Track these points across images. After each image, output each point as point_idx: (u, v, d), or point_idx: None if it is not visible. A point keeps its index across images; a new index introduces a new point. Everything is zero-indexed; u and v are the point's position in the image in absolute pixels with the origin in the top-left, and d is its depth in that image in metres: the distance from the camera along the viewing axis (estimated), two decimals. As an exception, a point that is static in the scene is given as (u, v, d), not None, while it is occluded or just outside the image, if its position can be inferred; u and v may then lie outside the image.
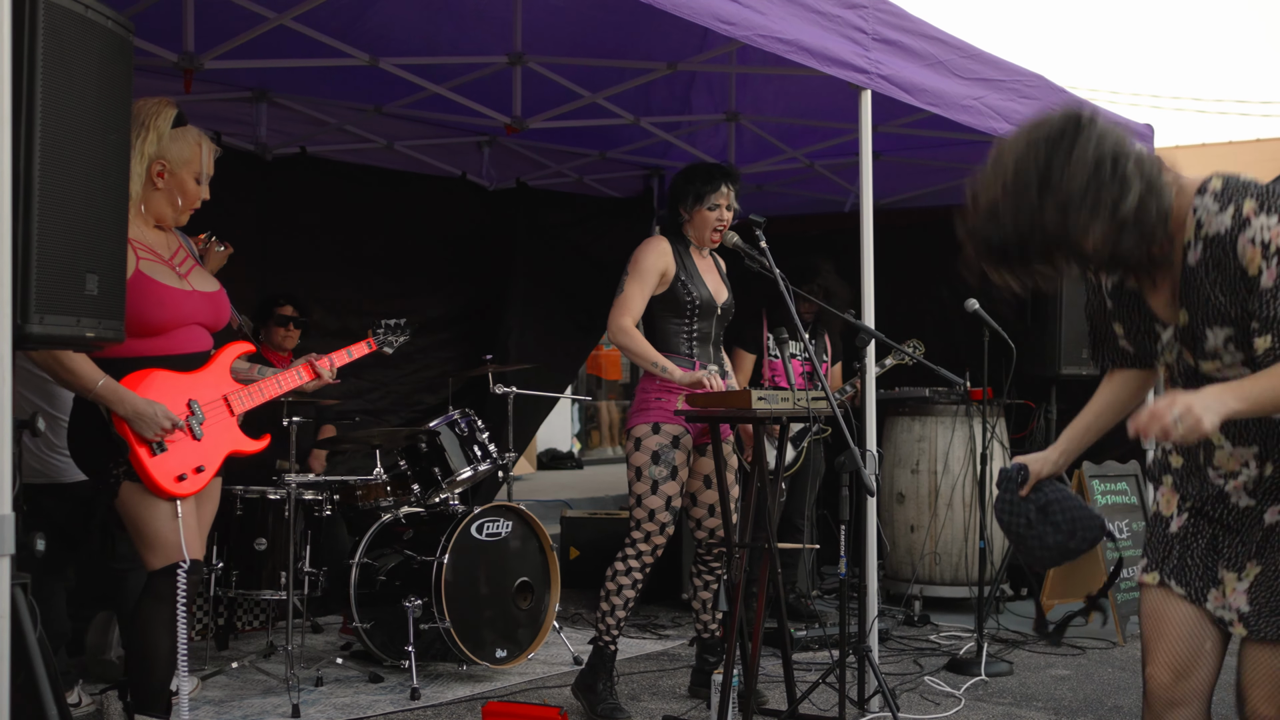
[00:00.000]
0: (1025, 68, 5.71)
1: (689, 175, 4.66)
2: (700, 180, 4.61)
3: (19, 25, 2.56)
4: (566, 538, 7.18)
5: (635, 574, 4.57)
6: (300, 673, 4.91)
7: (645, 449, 4.51)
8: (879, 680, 4.36)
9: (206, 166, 3.63)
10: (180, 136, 3.58)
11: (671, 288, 4.56)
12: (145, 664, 3.54)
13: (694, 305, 4.59)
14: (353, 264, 6.74)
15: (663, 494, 4.49)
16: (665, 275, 4.55)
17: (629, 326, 4.49)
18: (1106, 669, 5.47)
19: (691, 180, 4.63)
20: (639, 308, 4.52)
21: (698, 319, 4.62)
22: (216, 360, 3.67)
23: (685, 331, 4.61)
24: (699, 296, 4.59)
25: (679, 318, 4.59)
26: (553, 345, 7.69)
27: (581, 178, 7.53)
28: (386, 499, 5.43)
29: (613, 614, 4.59)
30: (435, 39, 5.34)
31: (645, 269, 4.53)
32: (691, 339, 4.62)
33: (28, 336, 2.58)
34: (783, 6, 4.27)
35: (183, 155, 3.57)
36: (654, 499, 4.50)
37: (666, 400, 4.51)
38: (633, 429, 4.57)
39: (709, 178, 4.61)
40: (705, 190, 4.60)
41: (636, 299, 4.51)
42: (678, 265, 4.58)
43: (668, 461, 4.49)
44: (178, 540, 3.46)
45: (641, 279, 4.52)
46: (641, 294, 4.52)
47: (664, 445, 4.49)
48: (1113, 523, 6.18)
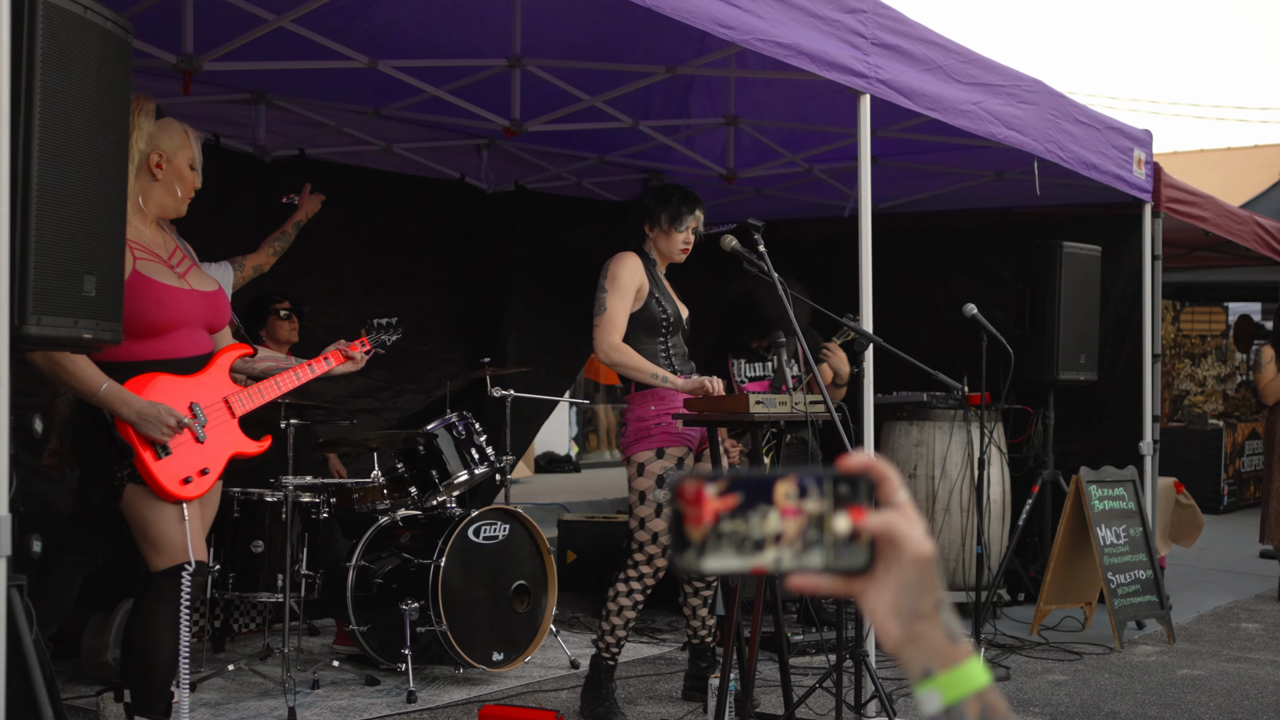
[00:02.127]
0: (1024, 73, 5.71)
1: (664, 197, 4.71)
2: (676, 203, 4.66)
3: (18, 26, 2.56)
4: (564, 541, 7.17)
5: (636, 595, 4.58)
6: (296, 675, 4.90)
7: (649, 473, 4.51)
8: (876, 685, 4.35)
9: (197, 153, 3.67)
10: (166, 126, 3.61)
11: (646, 305, 4.57)
12: (146, 665, 3.53)
13: (667, 321, 4.61)
14: (351, 266, 6.74)
15: (667, 516, 4.49)
16: (640, 291, 4.57)
17: (619, 343, 4.51)
18: (1103, 674, 5.47)
19: (667, 202, 4.67)
20: (624, 323, 4.53)
21: (671, 335, 4.64)
22: (216, 363, 3.67)
23: (663, 349, 4.62)
24: (671, 312, 4.62)
25: (654, 335, 4.60)
26: (551, 348, 7.69)
27: (580, 181, 7.53)
28: (383, 502, 5.42)
29: (613, 633, 4.61)
30: (434, 42, 5.33)
31: (624, 284, 4.54)
32: (670, 355, 4.62)
33: (25, 337, 2.58)
34: (782, 11, 4.27)
35: (174, 143, 3.60)
36: (658, 522, 4.51)
37: (668, 423, 4.50)
38: (634, 455, 4.55)
39: (684, 201, 4.68)
40: (682, 213, 4.66)
41: (620, 315, 4.52)
42: (650, 282, 4.60)
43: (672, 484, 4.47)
44: (183, 542, 3.46)
45: (622, 294, 4.53)
46: (624, 310, 4.53)
47: (669, 469, 4.51)
48: (1111, 528, 6.18)
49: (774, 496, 1.07)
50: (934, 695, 1.12)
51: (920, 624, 1.12)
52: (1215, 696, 5.12)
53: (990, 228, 7.70)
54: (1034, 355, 6.67)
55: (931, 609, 1.12)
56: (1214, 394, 14.02)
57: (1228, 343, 14.09)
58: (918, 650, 1.13)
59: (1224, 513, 11.68)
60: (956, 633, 1.13)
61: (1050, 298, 6.67)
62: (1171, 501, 7.52)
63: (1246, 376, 13.90)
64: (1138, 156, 6.66)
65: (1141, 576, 6.23)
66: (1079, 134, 6.11)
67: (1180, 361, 13.76)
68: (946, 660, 1.12)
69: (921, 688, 1.13)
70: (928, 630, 1.12)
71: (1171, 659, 5.82)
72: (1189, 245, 9.30)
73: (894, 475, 1.11)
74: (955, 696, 1.11)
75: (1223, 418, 12.70)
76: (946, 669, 1.12)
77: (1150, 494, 6.71)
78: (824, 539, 1.08)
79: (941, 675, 1.12)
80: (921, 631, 1.12)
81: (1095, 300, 6.94)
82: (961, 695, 1.11)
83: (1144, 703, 5.00)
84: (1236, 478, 12.25)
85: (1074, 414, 7.22)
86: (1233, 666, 5.67)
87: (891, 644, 1.13)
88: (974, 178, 7.13)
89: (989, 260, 7.66)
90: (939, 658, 1.12)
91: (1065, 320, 6.68)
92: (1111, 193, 6.64)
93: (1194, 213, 7.38)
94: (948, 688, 1.12)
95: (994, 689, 1.12)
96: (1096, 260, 6.94)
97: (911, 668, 1.14)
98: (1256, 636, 6.39)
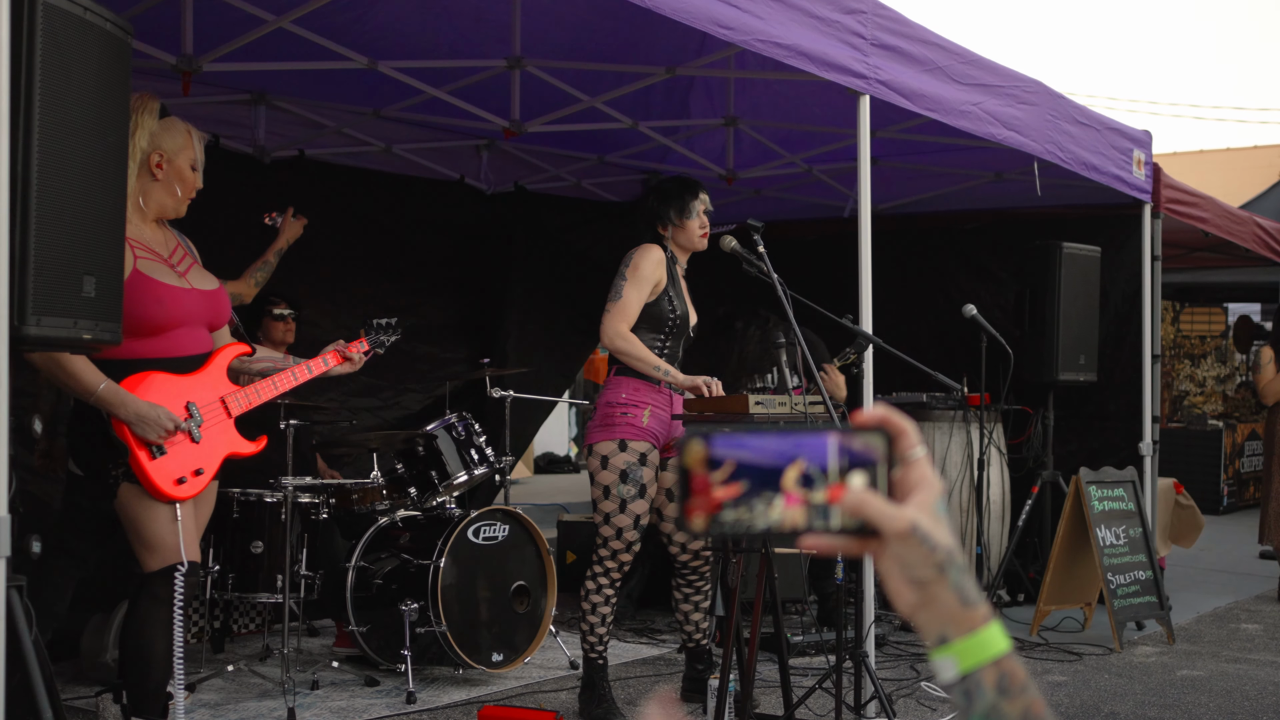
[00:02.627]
0: (1024, 73, 5.71)
1: (665, 194, 4.69)
2: (679, 194, 4.66)
3: (18, 27, 2.56)
4: (563, 541, 7.17)
5: (606, 590, 4.58)
6: (296, 676, 4.90)
7: (613, 467, 4.48)
8: (875, 685, 4.35)
9: (199, 153, 3.66)
10: (169, 126, 3.61)
11: (658, 300, 4.56)
12: (141, 666, 3.53)
13: (674, 321, 4.60)
14: (351, 267, 6.74)
15: (631, 513, 4.49)
16: (657, 286, 4.56)
17: (626, 331, 4.49)
18: (1103, 675, 5.47)
19: (669, 198, 4.66)
20: (635, 315, 4.51)
21: (672, 336, 4.63)
22: (213, 362, 3.66)
23: (659, 347, 4.60)
24: (681, 313, 4.61)
25: (656, 333, 4.59)
26: (550, 349, 7.69)
27: (580, 181, 7.53)
28: (383, 502, 5.42)
29: (593, 632, 4.61)
30: (434, 42, 5.34)
31: (644, 276, 4.52)
32: (663, 356, 4.61)
33: (24, 338, 2.58)
34: (781, 12, 4.27)
35: (176, 144, 3.59)
36: (622, 518, 4.49)
37: (633, 414, 4.48)
38: (596, 444, 4.52)
39: (685, 189, 4.67)
40: (687, 199, 4.65)
41: (634, 305, 4.50)
42: (668, 279, 4.60)
43: (636, 479, 4.47)
44: (176, 543, 3.45)
45: (640, 285, 4.51)
46: (639, 301, 4.51)
47: (632, 463, 4.47)
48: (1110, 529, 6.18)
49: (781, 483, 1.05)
50: (949, 662, 1.07)
51: (927, 589, 1.07)
52: (1215, 697, 5.12)
53: (990, 228, 7.70)
54: (1033, 356, 6.67)
55: (934, 575, 1.06)
56: (1214, 395, 14.02)
57: (1227, 343, 14.09)
58: (931, 615, 1.07)
59: (1224, 513, 11.68)
60: (971, 597, 1.07)
61: (1050, 298, 6.67)
62: (1171, 502, 7.52)
63: (1246, 377, 13.90)
64: (1137, 157, 6.66)
65: (1141, 577, 6.23)
66: (1078, 135, 6.11)
67: (1180, 362, 13.77)
68: (961, 626, 1.07)
69: (937, 654, 1.07)
70: (938, 594, 1.07)
71: (1171, 660, 5.81)
72: (1188, 246, 9.30)
73: (910, 429, 1.07)
74: (971, 664, 1.05)
75: (1222, 418, 12.70)
76: (962, 635, 1.07)
77: (1150, 495, 6.71)
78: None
79: (957, 641, 1.07)
80: (932, 596, 1.07)
81: (1095, 301, 6.94)
82: (978, 662, 1.06)
83: (1144, 703, 5.00)
84: (1236, 478, 12.26)
85: (1073, 415, 7.22)
86: (1232, 667, 5.67)
87: (905, 609, 1.08)
88: (973, 178, 7.14)
89: (988, 261, 7.66)
90: (953, 623, 1.07)
91: (1065, 321, 6.68)
92: (1111, 193, 6.64)
93: (1193, 213, 7.38)
94: (964, 654, 1.06)
95: (1013, 656, 1.07)
96: (1096, 261, 6.94)
97: (928, 634, 1.08)
98: (1256, 637, 6.39)
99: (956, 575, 1.07)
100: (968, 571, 1.08)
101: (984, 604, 1.08)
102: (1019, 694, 1.06)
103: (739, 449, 1.05)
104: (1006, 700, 1.06)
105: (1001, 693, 1.06)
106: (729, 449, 1.05)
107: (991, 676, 1.06)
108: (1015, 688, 1.06)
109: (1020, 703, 1.06)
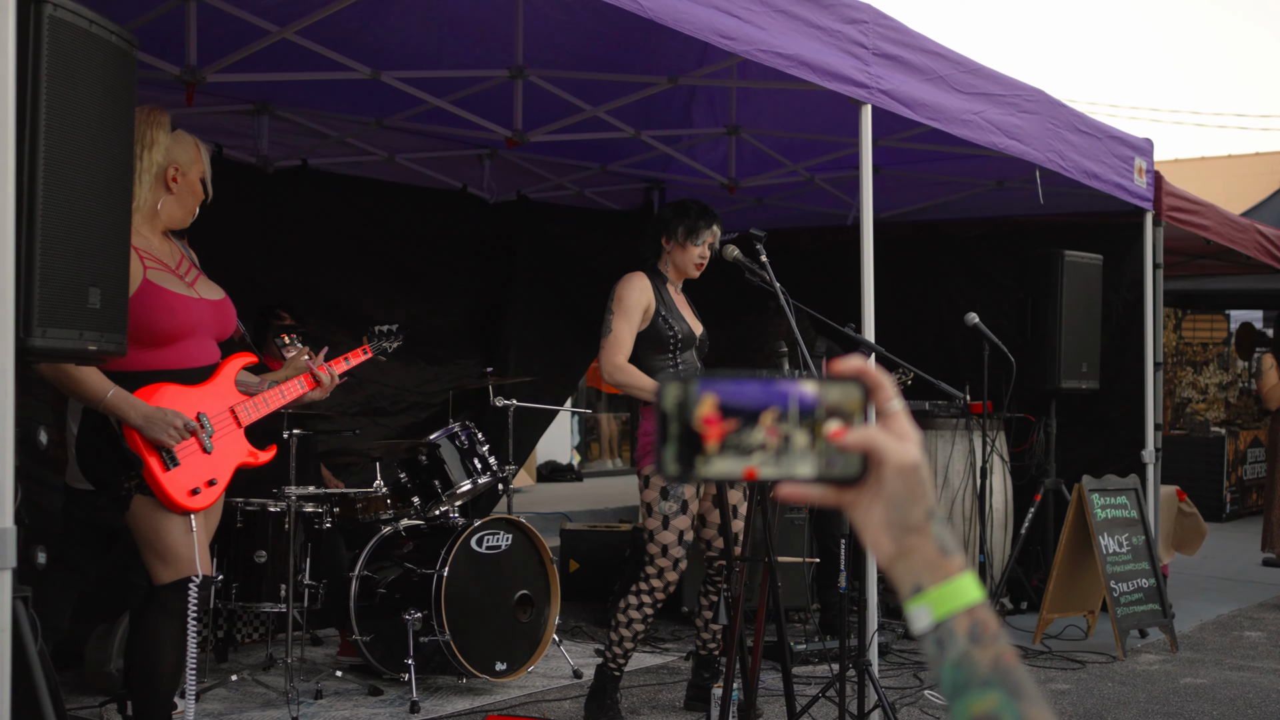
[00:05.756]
0: (1025, 82, 5.72)
1: (682, 210, 4.75)
2: (694, 217, 4.71)
3: (23, 39, 2.57)
4: (566, 550, 7.17)
5: (647, 609, 4.63)
6: (299, 686, 4.90)
7: (654, 485, 4.58)
8: (879, 694, 4.35)
9: (207, 167, 3.70)
10: (180, 139, 3.63)
11: (653, 324, 4.64)
12: (149, 678, 3.52)
13: (676, 340, 4.66)
14: (354, 276, 6.74)
15: (674, 529, 4.56)
16: (647, 311, 4.64)
17: (624, 364, 4.58)
18: (1106, 683, 5.47)
19: (685, 215, 4.72)
20: (629, 345, 4.60)
21: (680, 352, 4.68)
22: (221, 373, 3.67)
23: (670, 367, 4.67)
24: (680, 331, 4.67)
25: (663, 353, 4.66)
26: (553, 358, 7.70)
27: (582, 191, 7.54)
28: (386, 511, 5.43)
29: (620, 644, 4.65)
30: (437, 53, 5.35)
31: (630, 305, 4.60)
32: (679, 371, 4.64)
33: (30, 349, 2.59)
34: (783, 21, 4.28)
35: (188, 157, 3.62)
36: (666, 534, 4.56)
37: None
38: (643, 469, 4.66)
39: (702, 215, 4.72)
40: (699, 226, 4.70)
41: (626, 336, 4.58)
42: (657, 301, 4.65)
43: (676, 496, 4.56)
44: (191, 554, 3.45)
45: (628, 316, 4.59)
46: (630, 331, 4.59)
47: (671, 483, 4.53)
48: (1113, 536, 6.18)
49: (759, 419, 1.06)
50: (924, 610, 1.08)
51: (911, 537, 1.08)
52: (1218, 705, 5.12)
53: (991, 236, 7.71)
54: (1036, 364, 6.68)
55: (922, 520, 1.08)
56: (1216, 402, 14.02)
57: (1229, 350, 14.09)
58: (908, 565, 1.09)
59: (1226, 521, 11.67)
60: (949, 546, 1.09)
61: (1052, 306, 6.68)
62: (1174, 510, 7.52)
63: (1248, 384, 13.90)
64: (1138, 165, 6.67)
65: (1144, 585, 6.23)
66: (1080, 143, 6.12)
67: (1182, 369, 13.76)
68: (938, 574, 1.08)
69: (912, 604, 1.09)
70: (919, 543, 1.08)
71: (1174, 668, 5.81)
72: (1190, 253, 9.31)
73: (888, 383, 1.08)
74: (945, 611, 1.07)
75: (1225, 425, 12.69)
76: (937, 583, 1.08)
77: (1153, 502, 6.70)
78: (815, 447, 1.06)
79: (932, 590, 1.08)
80: (912, 545, 1.08)
81: (1097, 309, 6.94)
82: (951, 610, 1.07)
83: (1147, 711, 5.00)
84: (1239, 485, 12.24)
85: (1076, 422, 7.22)
86: (1236, 675, 5.67)
87: (883, 559, 1.10)
88: (975, 187, 7.15)
89: (990, 269, 7.67)
90: (930, 571, 1.08)
91: (1067, 329, 6.68)
92: (1113, 201, 6.65)
93: (1195, 221, 7.38)
94: (938, 602, 1.08)
95: (986, 606, 1.08)
96: (1098, 269, 6.94)
97: (903, 585, 1.09)
98: (1260, 645, 6.38)
99: (938, 523, 1.09)
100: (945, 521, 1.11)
101: (960, 553, 1.10)
102: (990, 642, 1.07)
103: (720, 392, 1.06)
104: (978, 648, 1.07)
105: (973, 640, 1.07)
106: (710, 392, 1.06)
107: (964, 624, 1.07)
108: (987, 636, 1.07)
109: (991, 650, 1.07)
